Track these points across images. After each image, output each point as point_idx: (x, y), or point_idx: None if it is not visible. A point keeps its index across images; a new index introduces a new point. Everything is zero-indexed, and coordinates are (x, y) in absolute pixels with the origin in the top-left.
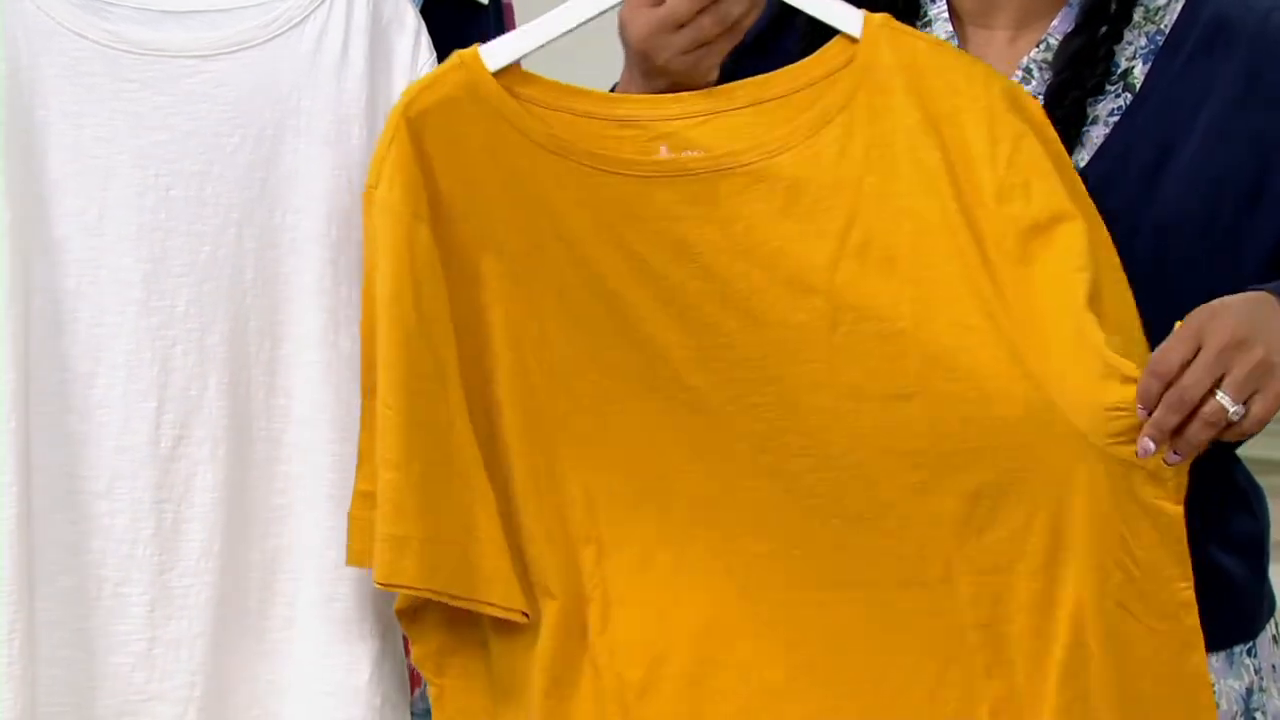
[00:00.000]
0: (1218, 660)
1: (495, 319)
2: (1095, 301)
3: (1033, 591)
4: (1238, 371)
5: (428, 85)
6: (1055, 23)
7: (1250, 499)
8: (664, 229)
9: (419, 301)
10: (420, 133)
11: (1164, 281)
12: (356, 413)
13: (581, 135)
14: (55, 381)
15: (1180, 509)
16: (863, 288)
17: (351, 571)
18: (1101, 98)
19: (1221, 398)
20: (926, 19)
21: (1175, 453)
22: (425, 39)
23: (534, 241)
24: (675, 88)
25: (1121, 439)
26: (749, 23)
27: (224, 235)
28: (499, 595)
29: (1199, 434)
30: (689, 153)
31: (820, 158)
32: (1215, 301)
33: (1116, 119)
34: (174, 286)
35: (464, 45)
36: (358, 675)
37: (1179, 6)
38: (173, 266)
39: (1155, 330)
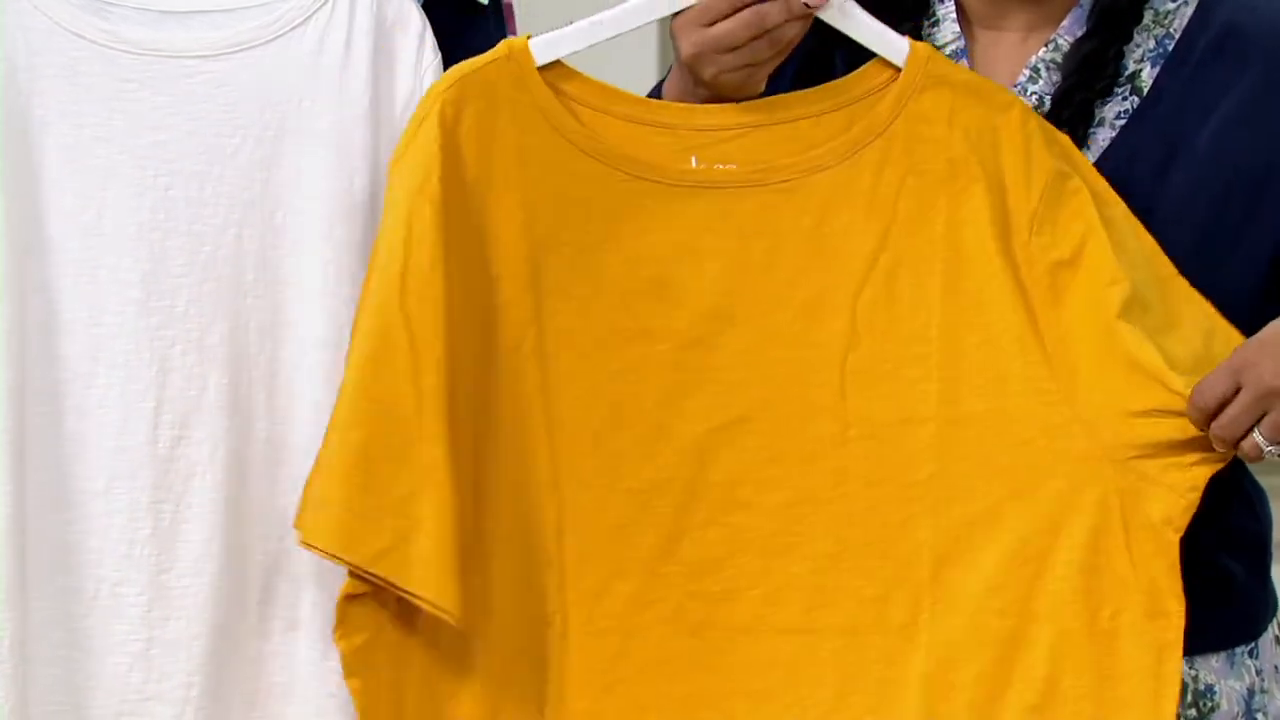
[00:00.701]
0: (1218, 661)
1: (498, 317)
2: (1139, 307)
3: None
4: (1275, 416)
5: (472, 70)
6: (1065, 24)
7: (1252, 500)
8: (685, 240)
9: (405, 276)
10: (455, 118)
11: None
12: None
13: (617, 138)
14: (52, 381)
15: (1177, 539)
16: (889, 311)
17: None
18: (1108, 100)
19: (1258, 438)
20: (934, 19)
21: None
22: (430, 40)
23: (550, 241)
24: (720, 99)
25: (1146, 452)
26: (798, 40)
27: (224, 235)
28: (431, 590)
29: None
30: (721, 165)
31: (856, 180)
32: (1258, 338)
33: (1123, 122)
34: (173, 286)
35: (464, 48)
36: None
37: (1189, 11)
38: (172, 266)
39: None
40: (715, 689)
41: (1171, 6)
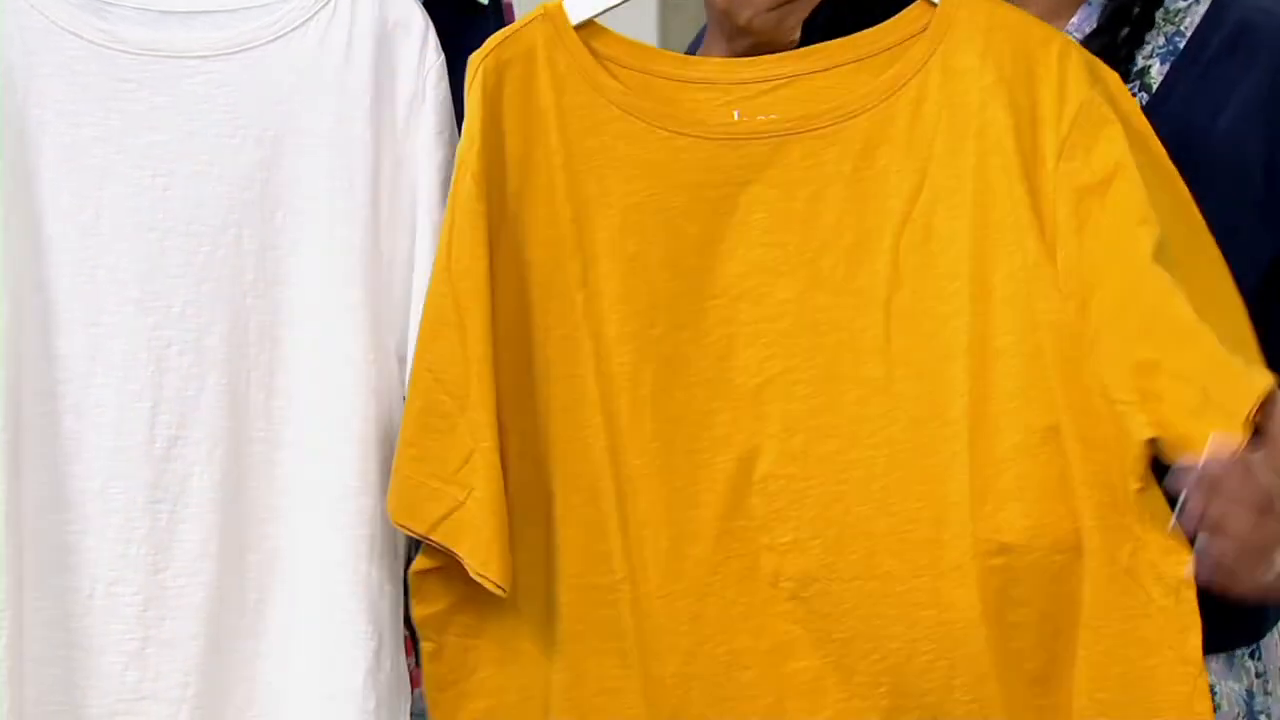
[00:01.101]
0: (1217, 662)
1: (548, 282)
2: (1166, 255)
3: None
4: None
5: (509, 35)
6: (1075, 20)
7: None
8: (730, 194)
9: (449, 249)
10: (498, 84)
11: None
12: (357, 415)
13: (655, 96)
14: (50, 380)
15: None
16: (926, 249)
17: (349, 574)
18: None
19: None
20: None
21: None
22: (433, 41)
23: (595, 202)
24: (757, 48)
25: (1134, 403)
26: None
27: (223, 236)
28: (478, 558)
29: None
30: (763, 117)
31: (894, 121)
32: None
33: None
34: (170, 287)
35: (463, 47)
36: (355, 677)
37: (1202, 9)
38: (169, 267)
39: None
40: (799, 639)
41: (1183, 5)
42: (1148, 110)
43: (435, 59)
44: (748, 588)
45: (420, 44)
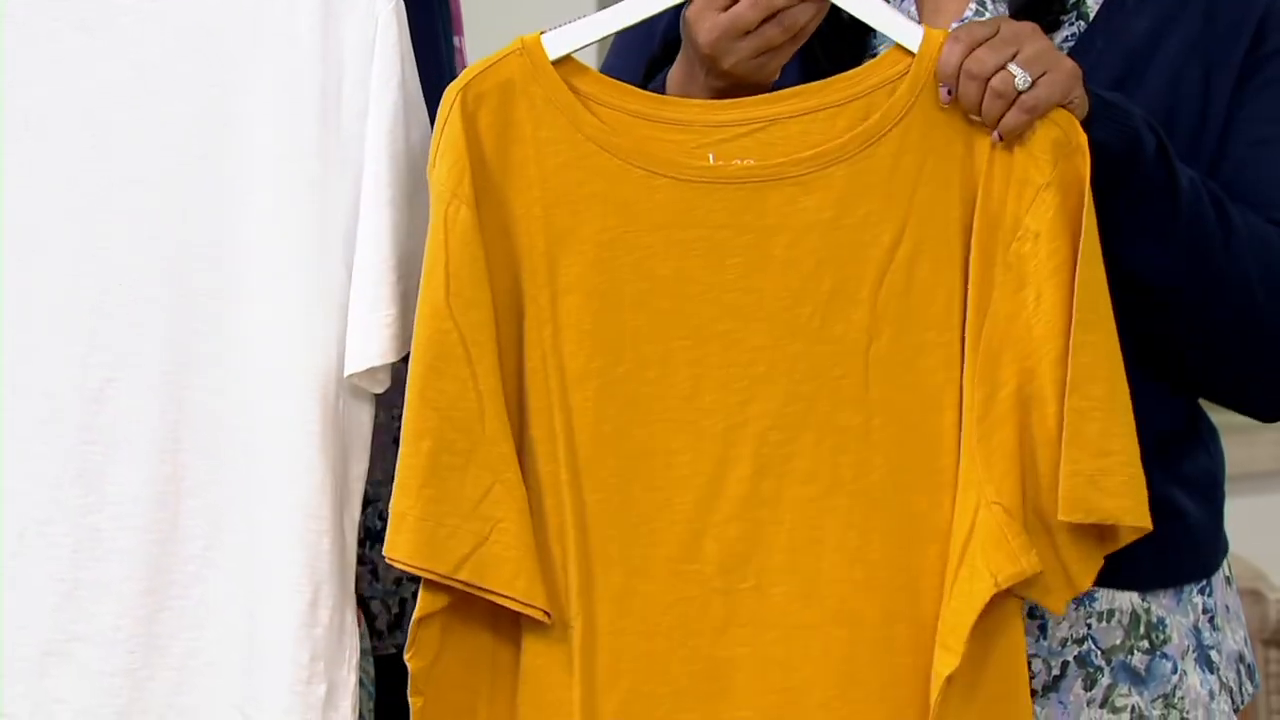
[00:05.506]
0: (1167, 597)
1: (522, 314)
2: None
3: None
4: (1029, 50)
5: (487, 67)
6: None
7: (1204, 437)
8: (704, 236)
9: (448, 280)
10: (475, 114)
11: None
12: (299, 367)
13: (631, 134)
14: None
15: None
16: (907, 300)
17: (286, 525)
18: (1057, 29)
19: (1011, 68)
20: None
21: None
22: None
23: (567, 237)
24: (737, 89)
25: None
26: (814, 27)
27: (167, 179)
28: (519, 589)
29: (991, 106)
30: (739, 161)
31: (874, 170)
32: None
33: (1071, 45)
34: (111, 232)
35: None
36: (286, 629)
37: None
38: (111, 215)
39: None
40: (749, 686)
41: None
42: (1085, 40)
43: (386, 3)
44: (695, 629)
45: None
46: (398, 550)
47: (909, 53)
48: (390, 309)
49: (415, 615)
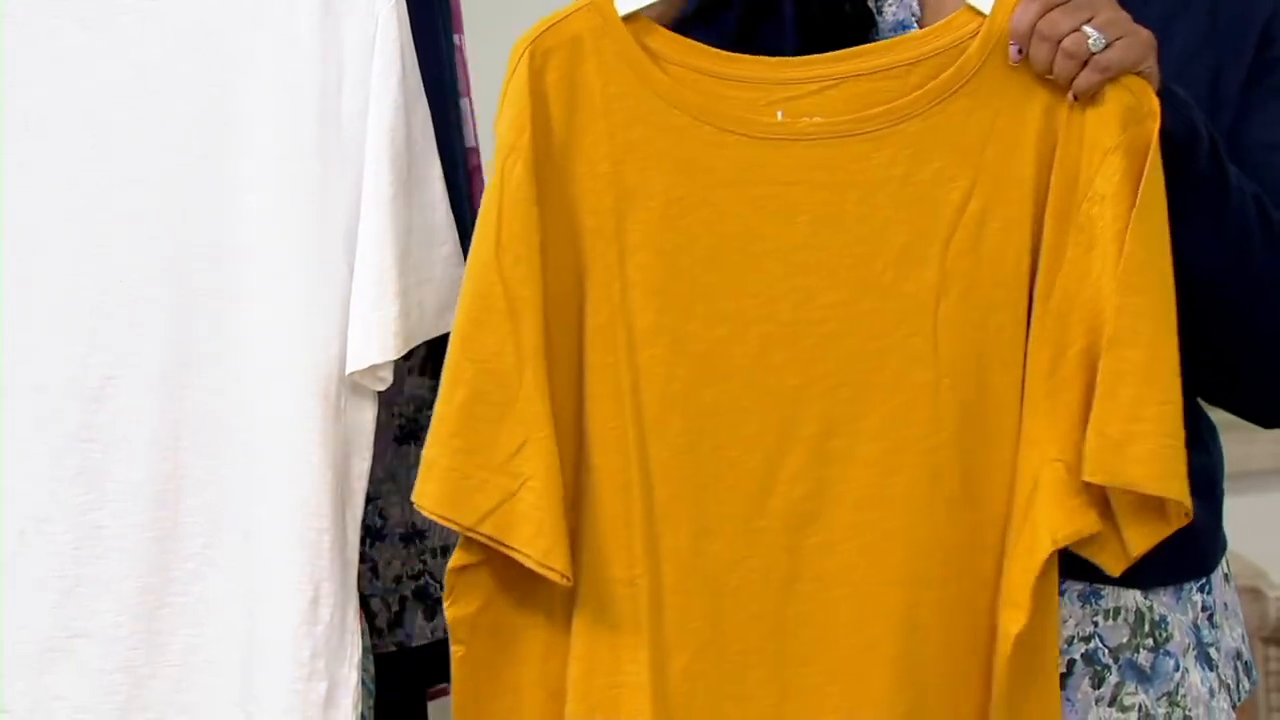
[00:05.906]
0: (1167, 595)
1: (586, 271)
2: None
3: None
4: (1104, 15)
5: (556, 22)
6: None
7: (1204, 435)
8: (774, 193)
9: (498, 234)
10: (542, 69)
11: None
12: (300, 365)
13: (700, 92)
14: None
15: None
16: (975, 258)
17: (286, 524)
18: None
19: (1086, 29)
20: None
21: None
22: None
23: (637, 193)
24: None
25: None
26: None
27: (167, 178)
28: (539, 549)
29: (1063, 65)
30: (807, 119)
31: (946, 127)
32: None
33: None
34: (111, 232)
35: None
36: (286, 627)
37: None
38: (111, 215)
39: None
40: (815, 644)
41: None
42: None
43: (386, 1)
44: (762, 588)
45: None
46: (425, 498)
47: (979, 14)
48: (391, 306)
49: (449, 565)
